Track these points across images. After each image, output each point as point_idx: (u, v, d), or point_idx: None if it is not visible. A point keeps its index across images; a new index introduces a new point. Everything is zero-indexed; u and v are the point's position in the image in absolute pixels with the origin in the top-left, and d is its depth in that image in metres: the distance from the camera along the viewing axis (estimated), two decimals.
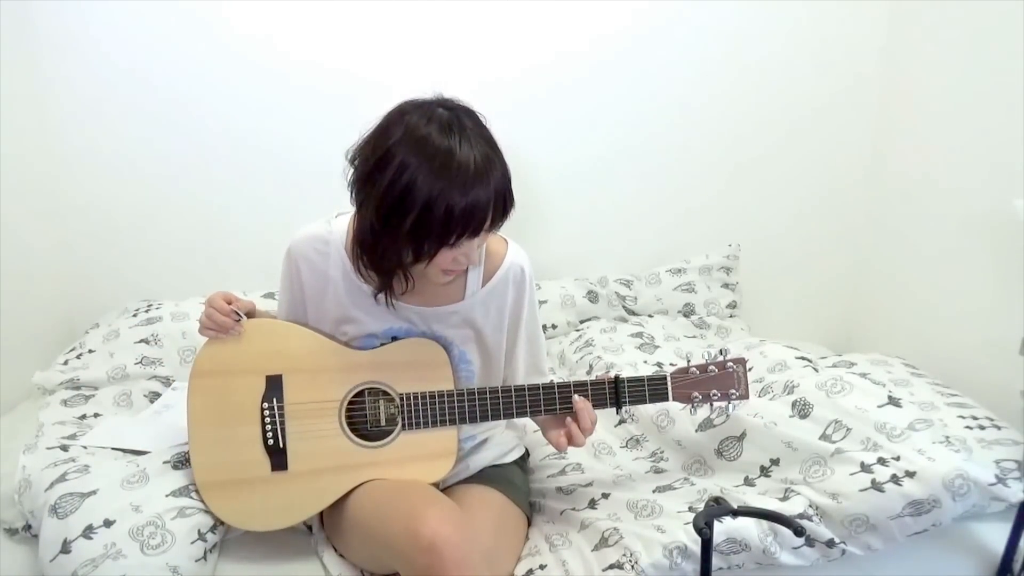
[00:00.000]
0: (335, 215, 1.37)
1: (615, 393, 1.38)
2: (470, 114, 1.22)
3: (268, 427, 1.33)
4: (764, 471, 1.47)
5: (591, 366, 1.96)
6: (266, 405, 1.33)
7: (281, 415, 1.33)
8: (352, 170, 1.23)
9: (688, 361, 1.42)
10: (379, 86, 1.92)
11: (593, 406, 1.36)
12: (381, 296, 1.31)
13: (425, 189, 1.14)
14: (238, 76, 2.08)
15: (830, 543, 1.32)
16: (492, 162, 1.18)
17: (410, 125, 1.17)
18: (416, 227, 1.16)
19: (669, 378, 1.40)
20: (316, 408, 1.34)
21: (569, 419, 1.34)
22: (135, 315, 2.00)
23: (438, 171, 1.14)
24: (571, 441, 1.34)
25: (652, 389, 1.40)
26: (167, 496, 1.33)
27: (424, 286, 1.32)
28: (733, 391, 1.41)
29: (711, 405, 1.43)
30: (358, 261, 1.28)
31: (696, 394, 1.41)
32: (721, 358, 1.42)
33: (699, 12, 2.17)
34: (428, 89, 1.24)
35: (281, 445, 1.33)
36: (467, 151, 1.15)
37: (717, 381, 1.41)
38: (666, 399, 1.41)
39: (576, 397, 1.35)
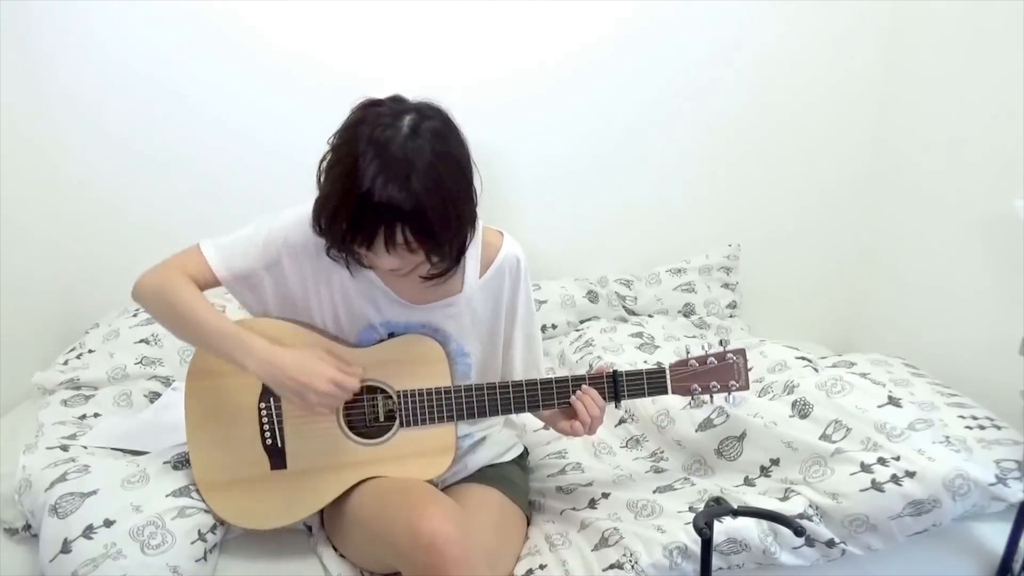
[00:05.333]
0: None
1: (613, 387, 1.38)
2: (439, 131, 1.15)
3: (266, 426, 1.33)
4: (764, 471, 1.47)
5: (591, 366, 1.95)
6: (263, 405, 1.33)
7: (279, 414, 1.33)
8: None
9: (687, 353, 1.42)
10: (376, 84, 1.91)
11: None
12: (382, 287, 1.32)
13: (351, 174, 1.10)
14: (236, 77, 2.08)
15: (830, 543, 1.32)
16: (431, 169, 1.11)
17: (369, 121, 1.13)
18: (333, 217, 1.14)
19: (668, 371, 1.40)
20: None
21: (574, 400, 1.34)
22: (135, 315, 1.99)
23: (369, 161, 1.09)
24: (581, 423, 1.34)
25: (651, 382, 1.39)
26: (167, 496, 1.33)
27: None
28: (733, 383, 1.40)
29: (711, 397, 1.42)
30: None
31: (696, 386, 1.40)
32: (721, 349, 1.41)
33: (698, 10, 2.17)
34: (423, 88, 1.22)
35: (279, 444, 1.33)
36: (406, 148, 1.10)
37: (717, 373, 1.40)
38: (665, 392, 1.40)
39: (582, 386, 1.36)
